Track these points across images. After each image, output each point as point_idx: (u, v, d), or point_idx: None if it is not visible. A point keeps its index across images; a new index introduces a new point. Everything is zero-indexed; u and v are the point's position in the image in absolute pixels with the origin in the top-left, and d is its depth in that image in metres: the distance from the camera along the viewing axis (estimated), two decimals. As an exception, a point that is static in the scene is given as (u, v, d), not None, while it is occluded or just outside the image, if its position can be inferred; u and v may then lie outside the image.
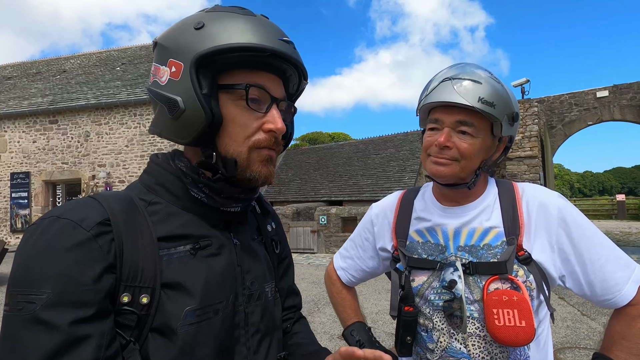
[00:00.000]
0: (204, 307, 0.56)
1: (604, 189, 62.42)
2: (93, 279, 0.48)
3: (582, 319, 4.26)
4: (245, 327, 0.63)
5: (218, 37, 0.56)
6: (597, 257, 0.80)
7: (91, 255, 0.49)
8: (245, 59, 0.59)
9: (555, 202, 0.84)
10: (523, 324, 0.74)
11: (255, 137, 0.60)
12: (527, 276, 0.81)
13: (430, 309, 0.87)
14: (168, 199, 0.61)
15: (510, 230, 0.83)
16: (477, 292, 0.82)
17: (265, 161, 0.61)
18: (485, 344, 0.81)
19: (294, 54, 0.61)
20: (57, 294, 0.45)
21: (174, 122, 0.58)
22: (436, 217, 0.92)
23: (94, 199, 0.55)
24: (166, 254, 0.56)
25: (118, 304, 0.51)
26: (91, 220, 0.51)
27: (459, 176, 0.84)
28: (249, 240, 0.70)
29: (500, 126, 0.83)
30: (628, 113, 11.22)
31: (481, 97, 0.78)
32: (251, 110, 0.59)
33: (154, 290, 0.52)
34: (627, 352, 0.77)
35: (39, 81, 14.64)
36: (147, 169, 0.66)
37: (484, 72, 0.83)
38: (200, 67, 0.57)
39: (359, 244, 1.09)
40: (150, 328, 0.52)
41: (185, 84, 0.56)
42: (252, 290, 0.65)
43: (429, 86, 0.86)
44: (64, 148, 12.32)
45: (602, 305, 0.83)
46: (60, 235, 0.48)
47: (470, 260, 0.84)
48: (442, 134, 0.82)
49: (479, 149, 0.83)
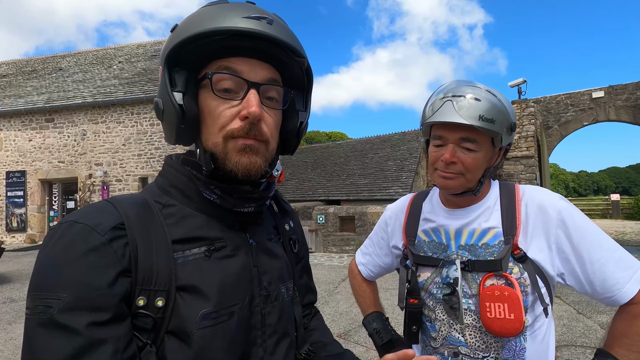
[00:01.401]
0: (219, 309, 0.56)
1: (599, 189, 62.91)
2: (108, 283, 0.49)
3: (578, 317, 4.31)
4: (262, 328, 0.62)
5: (181, 33, 0.56)
6: (597, 258, 0.83)
7: (106, 260, 0.49)
8: (217, 47, 0.56)
9: (555, 205, 0.88)
10: (512, 317, 0.81)
11: (229, 126, 0.57)
12: (522, 273, 0.86)
13: (433, 302, 0.96)
14: (182, 201, 0.61)
15: (508, 230, 0.89)
16: (474, 287, 0.89)
17: (241, 151, 0.57)
18: (481, 334, 0.89)
19: (264, 29, 0.55)
20: (74, 298, 0.46)
21: (163, 124, 0.60)
22: (441, 218, 1.00)
23: (110, 202, 0.56)
24: (181, 257, 0.56)
25: (134, 308, 0.51)
26: (106, 225, 0.51)
27: (466, 186, 0.91)
28: (266, 240, 0.70)
29: (501, 138, 0.88)
30: (623, 113, 11.32)
31: (481, 115, 0.83)
32: (223, 99, 0.57)
33: (169, 294, 0.53)
34: (627, 349, 0.81)
35: (34, 79, 14.52)
36: (162, 171, 0.66)
37: (482, 89, 0.88)
38: (175, 65, 0.57)
39: (375, 242, 1.19)
40: (167, 331, 0.52)
41: (162, 84, 0.57)
42: (269, 291, 0.65)
43: (434, 103, 0.91)
44: (60, 147, 12.24)
45: (604, 302, 0.86)
46: (75, 240, 0.49)
47: (469, 258, 0.91)
48: (447, 150, 0.88)
49: (482, 161, 0.89)
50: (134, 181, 11.73)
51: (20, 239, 12.34)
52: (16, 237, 12.38)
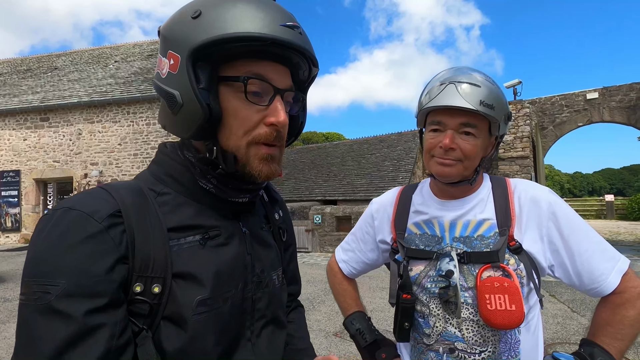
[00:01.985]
0: (214, 296, 0.57)
1: (593, 190, 63.41)
2: (105, 270, 0.49)
3: (572, 316, 4.35)
4: (252, 312, 0.64)
5: (214, 26, 0.53)
6: (585, 249, 0.85)
7: (103, 247, 0.50)
8: (246, 49, 0.56)
9: (546, 197, 0.89)
10: (513, 308, 0.79)
11: (255, 131, 0.57)
12: (518, 265, 0.85)
13: (427, 296, 0.92)
14: (177, 190, 0.61)
15: (503, 222, 0.88)
16: (470, 279, 0.87)
17: (264, 159, 0.59)
18: (479, 328, 0.86)
19: (298, 41, 0.56)
20: (72, 285, 0.46)
21: (174, 116, 0.58)
22: (433, 210, 0.97)
23: (105, 189, 0.55)
24: (176, 244, 0.56)
25: (131, 294, 0.52)
26: (103, 212, 0.51)
27: (463, 175, 0.89)
28: (258, 229, 0.71)
29: (498, 126, 0.88)
30: (617, 114, 11.43)
31: (482, 100, 0.83)
32: (251, 103, 0.57)
33: (165, 280, 0.53)
34: (612, 337, 0.82)
35: (29, 78, 14.41)
36: (156, 159, 0.66)
37: (480, 75, 0.87)
38: (198, 59, 0.54)
39: (360, 237, 1.14)
40: (163, 316, 0.53)
41: (182, 77, 0.54)
42: (261, 278, 0.67)
43: (431, 90, 0.89)
44: (56, 146, 12.16)
45: (589, 294, 0.88)
46: (72, 227, 0.49)
47: (464, 250, 0.89)
48: (447, 136, 0.86)
49: (480, 148, 0.88)
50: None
51: (14, 239, 12.23)
52: (10, 237, 12.27)
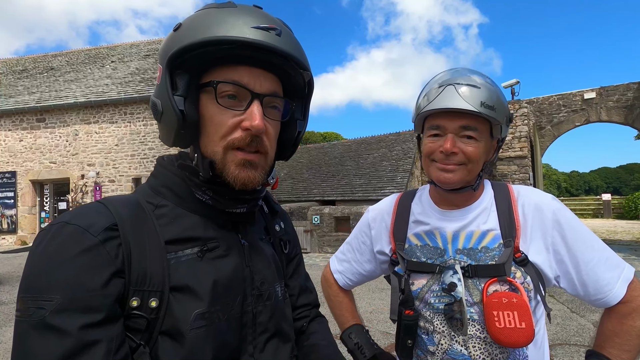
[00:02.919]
0: (212, 310, 0.56)
1: (590, 189, 63.68)
2: (101, 284, 0.48)
3: (571, 316, 4.35)
4: (253, 326, 0.63)
5: (187, 35, 0.54)
6: (590, 259, 0.82)
7: (99, 261, 0.49)
8: (223, 55, 0.56)
9: (550, 205, 0.85)
10: (523, 326, 0.75)
11: (231, 136, 0.57)
12: (525, 277, 0.82)
13: (431, 312, 0.88)
14: (174, 202, 0.61)
15: (507, 232, 0.84)
16: (476, 294, 0.83)
17: (240, 165, 0.58)
18: (486, 345, 0.82)
19: (271, 41, 0.54)
20: (66, 300, 0.46)
21: (160, 125, 0.60)
22: (434, 220, 0.92)
23: (102, 204, 0.56)
24: (174, 257, 0.56)
25: (127, 308, 0.51)
26: (99, 226, 0.51)
27: (466, 180, 0.85)
28: (258, 240, 0.70)
29: (500, 128, 0.85)
30: (614, 114, 11.47)
31: (483, 102, 0.79)
32: (226, 109, 0.57)
33: (162, 294, 0.53)
34: (619, 349, 0.80)
35: (25, 78, 14.31)
36: (154, 171, 0.66)
37: (480, 77, 0.84)
38: (177, 68, 0.56)
39: (355, 247, 1.08)
40: (160, 331, 0.52)
41: (163, 86, 0.56)
42: (262, 291, 0.65)
43: (429, 93, 0.86)
44: (52, 147, 12.07)
45: (594, 305, 0.85)
46: (68, 241, 0.49)
47: (469, 263, 0.85)
48: (447, 140, 0.82)
49: (483, 151, 0.84)
50: (127, 182, 11.60)
51: (10, 240, 12.14)
52: (6, 239, 12.17)
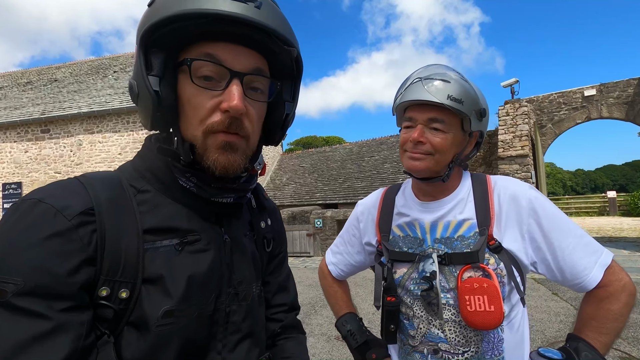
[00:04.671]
0: (181, 307, 0.53)
1: (596, 187, 63.10)
2: (69, 270, 0.45)
3: (575, 314, 4.32)
4: (225, 324, 0.60)
5: (160, 10, 0.50)
6: (566, 245, 0.84)
7: (70, 247, 0.46)
8: (200, 31, 0.51)
9: (526, 194, 0.88)
10: (492, 309, 0.80)
11: (210, 119, 0.53)
12: (498, 264, 0.85)
13: (411, 299, 0.93)
14: (157, 188, 0.57)
15: (482, 221, 0.88)
16: (452, 280, 0.87)
17: (221, 148, 0.53)
18: (461, 329, 0.87)
19: (250, 14, 0.49)
20: (30, 285, 0.43)
21: (138, 108, 0.55)
22: (415, 212, 0.97)
23: (81, 182, 0.52)
24: (151, 247, 0.53)
25: (96, 297, 0.49)
26: (73, 209, 0.48)
27: (433, 170, 0.89)
28: (242, 236, 0.66)
29: (470, 121, 0.88)
30: (615, 111, 11.42)
31: (450, 95, 0.83)
32: (203, 89, 0.52)
33: (134, 285, 0.50)
34: (597, 332, 0.82)
35: (29, 91, 14.53)
36: (140, 151, 0.61)
37: (454, 73, 0.89)
38: (152, 46, 0.52)
39: (347, 240, 1.15)
40: (127, 322, 0.50)
41: (137, 66, 0.52)
42: (238, 290, 0.62)
43: (403, 86, 0.91)
44: (57, 157, 12.22)
45: (573, 289, 0.88)
46: (39, 221, 0.46)
47: (445, 252, 0.89)
48: (416, 130, 0.88)
49: (451, 143, 0.88)
50: (130, 190, 11.69)
51: (17, 250, 12.24)
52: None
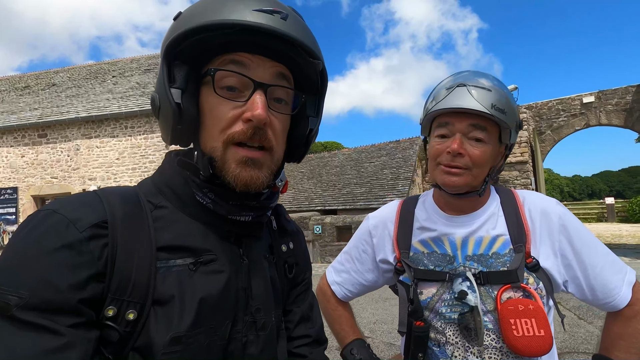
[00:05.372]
0: (190, 334, 0.49)
1: (593, 193, 63.37)
2: (76, 285, 0.43)
3: (579, 323, 4.27)
4: (241, 357, 0.55)
5: (186, 22, 0.50)
6: (597, 263, 0.81)
7: (79, 260, 0.44)
8: (224, 42, 0.51)
9: (555, 210, 0.85)
10: (542, 333, 0.73)
11: (231, 129, 0.51)
12: (537, 283, 0.80)
13: (442, 323, 0.84)
14: (175, 204, 0.56)
15: (517, 237, 0.83)
16: (489, 302, 0.80)
17: (242, 163, 0.52)
18: (502, 356, 0.80)
19: (277, 25, 0.49)
20: (37, 297, 0.41)
21: (159, 121, 0.56)
22: (441, 226, 0.89)
23: (97, 195, 0.51)
24: (164, 266, 0.50)
25: (102, 317, 0.46)
26: (86, 221, 0.46)
27: (472, 185, 0.83)
28: (262, 259, 0.63)
29: (510, 133, 0.83)
30: (614, 117, 11.48)
31: (494, 104, 0.78)
32: (226, 100, 0.52)
33: (142, 307, 0.48)
34: (626, 351, 0.79)
35: (27, 95, 14.46)
36: (161, 167, 0.61)
37: (491, 80, 0.83)
38: (175, 58, 0.52)
39: (355, 256, 1.04)
40: (133, 347, 0.47)
41: (160, 78, 0.53)
42: (256, 318, 0.58)
43: (438, 94, 0.85)
44: (53, 162, 12.13)
45: (602, 308, 0.84)
46: (50, 232, 0.44)
47: (480, 270, 0.82)
48: (455, 140, 0.80)
49: (490, 156, 0.83)
50: (128, 195, 11.60)
51: (12, 256, 12.09)
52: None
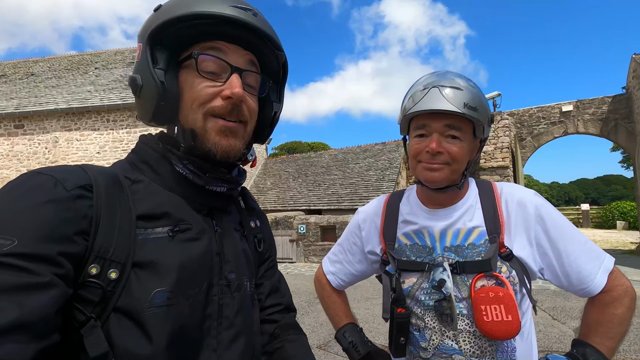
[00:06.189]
0: (174, 291, 0.52)
1: (570, 199, 65.47)
2: (60, 237, 0.45)
3: (553, 324, 4.41)
4: (218, 319, 0.59)
5: (167, 12, 0.57)
6: (572, 251, 0.85)
7: (66, 215, 0.46)
8: (202, 31, 0.59)
9: (532, 200, 0.89)
10: (510, 318, 0.79)
11: (211, 103, 0.59)
12: (510, 272, 0.85)
13: (422, 309, 0.90)
14: (152, 177, 0.60)
15: (492, 229, 0.87)
16: (464, 290, 0.85)
17: (222, 132, 0.59)
18: (475, 339, 0.85)
19: (249, 19, 0.58)
20: (21, 245, 0.42)
21: (139, 101, 0.61)
22: (422, 220, 0.95)
23: (79, 166, 0.54)
24: (143, 233, 0.54)
25: (85, 275, 0.48)
26: (73, 182, 0.49)
27: (452, 179, 0.88)
28: (232, 230, 0.68)
29: (483, 128, 0.88)
30: (591, 126, 11.89)
31: (466, 103, 0.82)
32: (207, 80, 0.59)
33: (124, 267, 0.50)
34: (603, 336, 0.83)
35: (3, 84, 13.91)
36: (135, 147, 0.65)
37: (463, 79, 0.87)
38: (157, 44, 0.58)
39: (347, 248, 1.10)
40: (114, 307, 0.49)
41: (142, 61, 0.58)
42: (230, 281, 0.62)
43: (414, 95, 0.88)
44: (30, 154, 11.70)
45: (578, 294, 0.88)
46: (38, 188, 0.47)
47: (457, 260, 0.87)
48: (433, 140, 0.85)
49: (467, 151, 0.87)
50: (108, 190, 11.31)
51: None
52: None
